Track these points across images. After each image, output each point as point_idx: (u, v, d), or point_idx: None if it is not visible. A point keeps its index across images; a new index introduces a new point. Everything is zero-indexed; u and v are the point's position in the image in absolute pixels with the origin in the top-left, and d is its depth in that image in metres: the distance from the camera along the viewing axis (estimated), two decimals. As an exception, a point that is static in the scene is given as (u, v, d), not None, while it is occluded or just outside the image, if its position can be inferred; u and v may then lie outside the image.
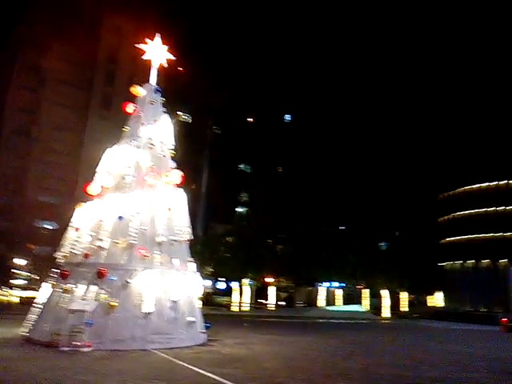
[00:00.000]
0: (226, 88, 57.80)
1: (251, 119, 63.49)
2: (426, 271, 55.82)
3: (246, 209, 58.12)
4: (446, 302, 60.08)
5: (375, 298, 54.24)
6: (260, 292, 50.07)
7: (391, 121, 69.42)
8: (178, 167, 17.79)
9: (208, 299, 41.33)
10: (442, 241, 62.32)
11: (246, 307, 45.74)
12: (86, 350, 12.49)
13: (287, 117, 68.68)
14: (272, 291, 50.06)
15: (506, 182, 54.78)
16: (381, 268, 49.46)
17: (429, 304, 63.52)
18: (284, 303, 52.63)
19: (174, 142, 18.32)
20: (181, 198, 17.18)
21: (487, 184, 56.55)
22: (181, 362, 11.53)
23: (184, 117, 57.45)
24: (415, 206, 62.05)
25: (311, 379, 10.33)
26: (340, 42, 71.19)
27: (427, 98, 74.97)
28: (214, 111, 58.37)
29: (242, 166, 62.01)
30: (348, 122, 66.59)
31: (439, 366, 13.46)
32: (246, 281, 46.13)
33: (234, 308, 44.76)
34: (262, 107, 62.30)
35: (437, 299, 63.08)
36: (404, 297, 57.77)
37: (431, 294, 63.02)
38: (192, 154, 50.39)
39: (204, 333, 16.34)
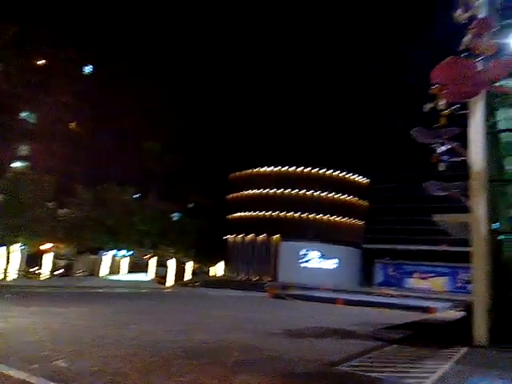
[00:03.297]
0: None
1: (42, 61, 54.94)
2: (212, 243, 59.20)
3: (25, 163, 50.27)
4: (226, 271, 65.35)
5: (162, 267, 54.77)
6: (33, 259, 44.35)
7: (187, 105, 70.67)
8: None
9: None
10: (229, 216, 67.34)
11: (14, 276, 39.95)
12: None
13: (87, 68, 62.17)
14: (48, 259, 45.04)
15: (285, 168, 62.32)
16: (170, 238, 49.98)
17: (211, 274, 68.01)
18: (61, 272, 48.06)
19: None
20: None
21: (270, 169, 63.30)
22: None
23: None
24: (209, 183, 64.85)
25: (79, 350, 9.20)
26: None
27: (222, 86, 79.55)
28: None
29: (24, 114, 53.24)
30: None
31: (209, 330, 14.09)
32: (15, 246, 40.07)
33: (-2, 277, 38.45)
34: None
35: (219, 268, 68.01)
36: (189, 266, 60.14)
37: (214, 264, 67.52)
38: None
39: None
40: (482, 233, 12.41)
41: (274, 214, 61.57)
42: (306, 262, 60.05)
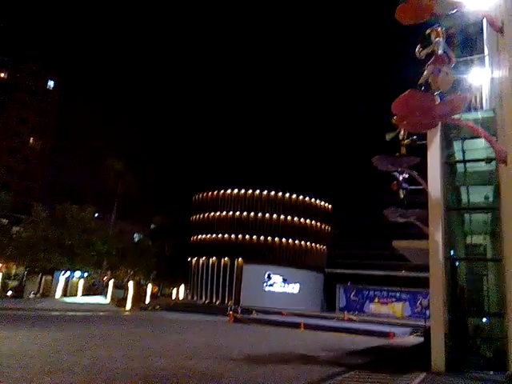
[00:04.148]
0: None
1: (2, 75, 53.42)
2: (174, 265, 58.02)
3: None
4: (188, 294, 63.97)
5: (121, 289, 52.98)
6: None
7: (152, 124, 70.55)
8: None
9: None
10: (192, 238, 66.43)
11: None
12: None
13: (50, 83, 60.88)
14: (-2, 279, 42.73)
15: (249, 191, 62.50)
16: (130, 259, 48.62)
17: (173, 296, 66.35)
18: (12, 293, 45.52)
19: None
20: None
21: (235, 191, 63.29)
22: None
23: None
24: (172, 203, 64.03)
25: (28, 378, 8.65)
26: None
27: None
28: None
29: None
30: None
31: (168, 356, 13.61)
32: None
33: None
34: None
35: (180, 292, 66.49)
36: (148, 289, 58.50)
37: (176, 286, 66.02)
38: None
39: None
40: (439, 259, 12.77)
41: (237, 237, 61.26)
42: (270, 285, 59.80)
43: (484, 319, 14.90)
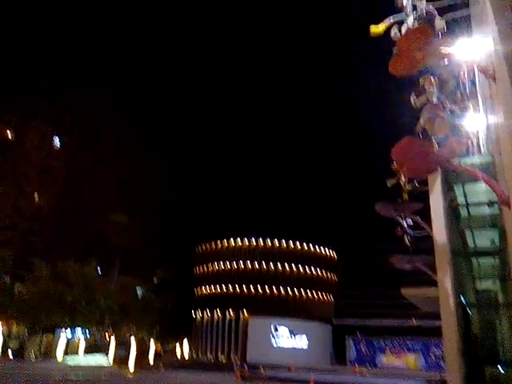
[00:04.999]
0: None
1: (9, 133, 54.99)
2: (178, 320, 56.58)
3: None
4: (193, 351, 61.81)
5: (123, 346, 51.23)
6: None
7: (155, 178, 71.42)
8: None
9: None
10: (195, 291, 65.25)
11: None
12: None
13: (57, 140, 62.53)
14: (-3, 339, 41.52)
15: (253, 240, 62.08)
16: (132, 315, 47.43)
17: (177, 353, 64.03)
18: (12, 353, 44.01)
19: None
20: None
21: (238, 241, 62.88)
22: None
23: None
24: (175, 255, 63.47)
25: None
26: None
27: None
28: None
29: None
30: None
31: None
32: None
33: None
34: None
35: (185, 348, 64.25)
36: (152, 346, 56.58)
37: (180, 342, 63.91)
38: None
39: None
40: (450, 306, 12.42)
41: (242, 289, 60.16)
42: (276, 339, 57.90)
43: (500, 367, 14.26)
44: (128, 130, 69.09)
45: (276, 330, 58.05)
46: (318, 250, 64.88)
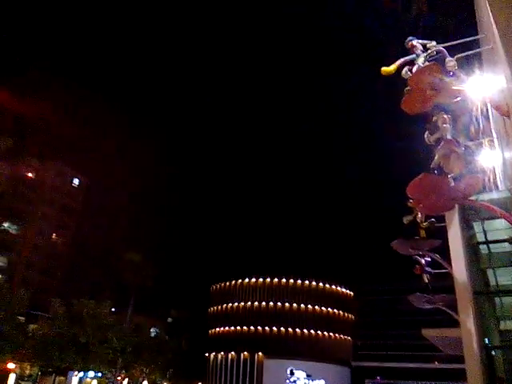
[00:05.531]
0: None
1: (30, 174, 56.41)
2: (191, 361, 55.26)
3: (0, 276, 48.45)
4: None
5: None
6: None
7: (169, 218, 71.88)
8: None
9: None
10: (209, 331, 63.90)
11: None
12: None
13: (76, 181, 63.81)
14: (11, 380, 40.81)
15: (267, 279, 61.14)
16: (145, 356, 46.38)
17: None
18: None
19: None
20: None
21: (253, 280, 61.96)
22: None
23: None
24: (189, 295, 62.84)
25: None
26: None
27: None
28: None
29: (6, 224, 52.97)
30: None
31: None
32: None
33: None
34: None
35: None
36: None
37: (193, 384, 62.11)
38: None
39: None
40: (474, 348, 11.90)
41: (256, 329, 58.75)
42: (293, 382, 55.81)
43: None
44: (142, 170, 70.44)
45: (292, 372, 56.05)
46: (334, 288, 63.50)
